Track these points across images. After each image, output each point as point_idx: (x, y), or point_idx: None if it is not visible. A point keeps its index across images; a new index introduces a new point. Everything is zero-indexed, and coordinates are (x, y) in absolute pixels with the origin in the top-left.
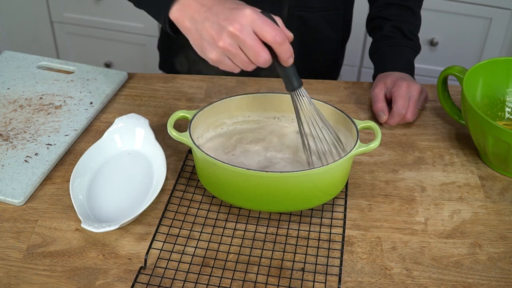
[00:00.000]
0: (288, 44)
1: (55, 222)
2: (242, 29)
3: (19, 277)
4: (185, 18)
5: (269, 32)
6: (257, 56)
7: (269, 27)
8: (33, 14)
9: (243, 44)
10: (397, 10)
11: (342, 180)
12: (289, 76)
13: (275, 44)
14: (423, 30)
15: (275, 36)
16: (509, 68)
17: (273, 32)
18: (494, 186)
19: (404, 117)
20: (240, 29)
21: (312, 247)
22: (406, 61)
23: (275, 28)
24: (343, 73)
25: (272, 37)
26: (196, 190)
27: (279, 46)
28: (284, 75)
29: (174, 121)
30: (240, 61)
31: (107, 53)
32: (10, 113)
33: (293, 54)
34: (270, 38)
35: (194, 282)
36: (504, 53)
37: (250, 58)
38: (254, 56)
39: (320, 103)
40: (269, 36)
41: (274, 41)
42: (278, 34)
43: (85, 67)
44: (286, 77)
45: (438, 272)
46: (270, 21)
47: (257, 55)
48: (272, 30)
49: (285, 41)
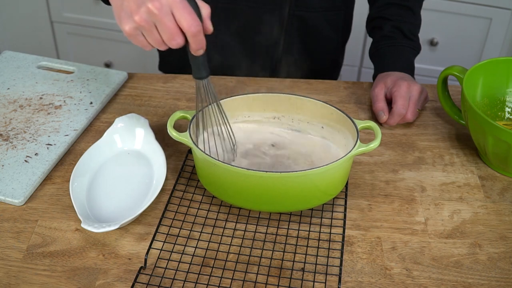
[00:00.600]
0: (202, 36)
1: (55, 222)
2: (161, 8)
3: (19, 277)
4: None
5: (186, 20)
6: (171, 38)
7: (188, 14)
8: (33, 14)
9: (159, 23)
10: (397, 10)
11: (342, 180)
12: (197, 65)
13: (189, 33)
14: (423, 30)
15: (190, 25)
16: (509, 68)
17: (189, 20)
18: (494, 186)
19: (404, 117)
20: (159, 7)
21: (312, 247)
22: (406, 61)
23: (194, 17)
24: (343, 73)
25: (187, 26)
26: (196, 190)
27: (192, 36)
28: (193, 62)
29: (174, 121)
30: (153, 39)
31: (107, 53)
32: (10, 113)
33: (204, 46)
34: (185, 26)
35: (194, 282)
36: (504, 53)
37: (164, 38)
38: (168, 37)
39: (320, 103)
40: (185, 24)
41: (189, 30)
42: (194, 24)
43: (85, 67)
44: (194, 65)
45: (438, 272)
46: (190, 8)
47: (171, 37)
48: (190, 18)
49: (200, 33)
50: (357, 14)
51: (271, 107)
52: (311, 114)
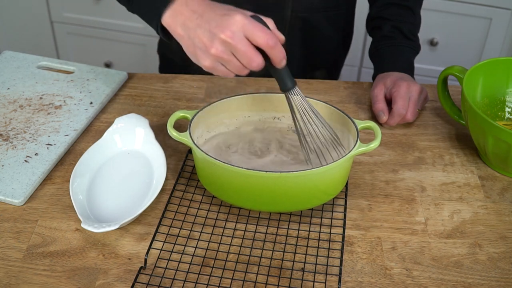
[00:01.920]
0: (280, 46)
1: (55, 222)
2: (234, 35)
3: (19, 277)
4: (177, 25)
5: (260, 37)
6: (250, 61)
7: (260, 31)
8: (33, 14)
9: (236, 50)
10: (397, 10)
11: (342, 180)
12: (283, 78)
13: (267, 48)
14: (423, 30)
15: (267, 40)
16: (509, 68)
17: (264, 36)
18: (494, 186)
19: (404, 117)
20: (232, 35)
21: (312, 247)
22: (406, 61)
23: (266, 31)
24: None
25: (264, 41)
26: (196, 190)
27: (271, 50)
28: (277, 76)
29: (174, 121)
30: (233, 67)
31: (107, 53)
32: (10, 113)
33: (285, 55)
34: (262, 42)
35: (194, 282)
36: (504, 53)
37: (243, 63)
38: (247, 61)
39: (320, 103)
40: (260, 41)
41: (266, 45)
42: (270, 37)
43: (85, 67)
44: (280, 79)
45: (438, 272)
46: (260, 25)
47: (250, 60)
48: (263, 34)
49: (277, 44)
50: (358, 14)
51: (271, 107)
52: None
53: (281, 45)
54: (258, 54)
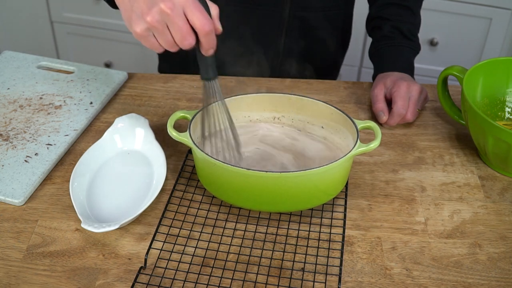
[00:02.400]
0: (213, 35)
1: (55, 222)
2: (174, 8)
3: (19, 277)
4: None
5: (198, 19)
6: (183, 38)
7: (200, 13)
8: (33, 14)
9: (172, 24)
10: (397, 10)
11: (342, 180)
12: (206, 66)
13: (202, 32)
14: (423, 30)
15: (204, 24)
16: (509, 68)
17: (203, 20)
18: (494, 186)
19: (404, 117)
20: (172, 7)
21: (312, 247)
22: (406, 61)
23: (206, 16)
24: (343, 73)
25: (200, 25)
26: (196, 190)
27: (205, 35)
28: (202, 63)
29: (174, 121)
30: (164, 40)
31: (107, 53)
32: (10, 113)
33: (215, 46)
34: (198, 25)
35: (194, 282)
36: (504, 53)
37: (176, 39)
38: (180, 38)
39: (320, 103)
40: (198, 23)
41: (202, 29)
42: (207, 23)
43: (85, 67)
44: (203, 66)
45: (438, 272)
46: (202, 8)
47: (182, 37)
48: (203, 17)
49: (212, 32)
50: (357, 14)
51: (271, 107)
52: (311, 114)
53: (215, 35)
54: (192, 34)
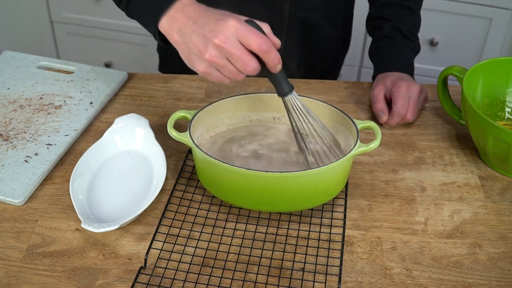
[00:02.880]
0: (275, 51)
1: (55, 222)
2: (227, 40)
3: (19, 277)
4: (173, 31)
5: (254, 41)
6: (245, 65)
7: (254, 35)
8: (33, 14)
9: (230, 55)
10: (397, 10)
11: (342, 180)
12: (279, 82)
13: (261, 52)
14: (423, 30)
15: (261, 44)
16: (509, 68)
17: (258, 41)
18: (494, 186)
19: (404, 117)
20: (225, 40)
21: (312, 247)
22: (406, 61)
23: (260, 36)
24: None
25: (257, 46)
26: (196, 190)
27: (265, 54)
28: (274, 81)
29: (174, 121)
30: (228, 72)
31: (107, 53)
32: (10, 113)
33: (280, 60)
34: (255, 47)
35: (194, 282)
36: (504, 53)
37: (238, 68)
38: (242, 66)
39: (320, 103)
40: (254, 45)
41: (260, 49)
42: (264, 42)
43: (85, 67)
44: (276, 83)
45: (438, 272)
46: (254, 29)
47: (244, 64)
48: (257, 38)
49: (271, 48)
50: (357, 14)
51: (271, 107)
52: None
53: (276, 50)
54: (253, 58)
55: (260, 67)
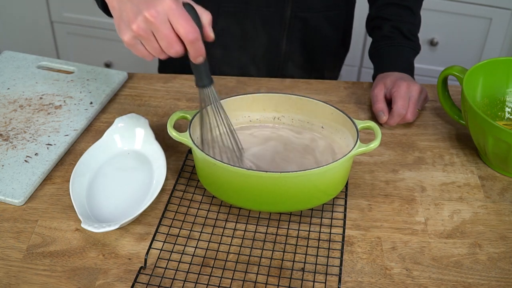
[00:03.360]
0: (200, 43)
1: (55, 222)
2: (158, 16)
3: (19, 277)
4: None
5: (182, 26)
6: (169, 46)
7: (184, 21)
8: (33, 14)
9: (157, 31)
10: (397, 10)
11: (342, 180)
12: (200, 73)
13: (186, 41)
14: (423, 30)
15: (188, 32)
16: (509, 68)
17: (186, 28)
18: (494, 186)
19: (404, 117)
20: (156, 15)
21: (312, 247)
22: (406, 61)
23: (190, 24)
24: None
25: (183, 33)
26: (196, 190)
27: (189, 43)
28: (195, 71)
29: (174, 121)
30: (151, 48)
31: (107, 53)
32: (10, 113)
33: (204, 54)
34: (182, 33)
35: (194, 282)
36: (504, 53)
37: (162, 46)
38: (166, 45)
39: (320, 103)
40: (181, 31)
41: (185, 37)
42: (191, 31)
43: (85, 67)
44: (197, 73)
45: (438, 272)
46: (187, 15)
47: (169, 45)
48: (187, 25)
49: (197, 40)
50: (357, 14)
51: (271, 107)
52: (311, 114)
53: (202, 42)
54: (179, 42)
55: (183, 53)
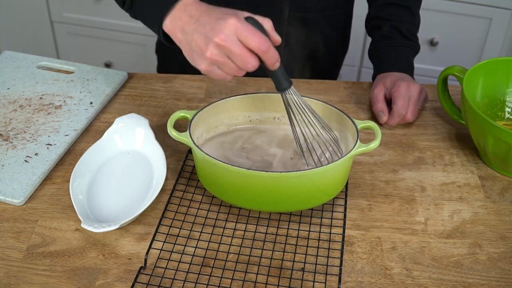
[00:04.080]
0: (273, 50)
1: (55, 222)
2: (227, 39)
3: (19, 277)
4: (176, 30)
5: (253, 41)
6: (245, 63)
7: (253, 35)
8: (33, 14)
9: (230, 53)
10: (396, 10)
11: (342, 180)
12: (278, 78)
13: (260, 52)
14: (423, 30)
15: (259, 44)
16: (509, 68)
17: (257, 40)
18: (494, 186)
19: (404, 117)
20: (225, 39)
21: (312, 247)
22: (406, 61)
23: (259, 35)
24: (343, 73)
25: (256, 46)
26: (196, 190)
27: (263, 54)
28: (273, 77)
29: (174, 121)
30: (229, 69)
31: (107, 53)
32: (10, 113)
33: (279, 58)
34: (254, 47)
35: (194, 282)
36: (504, 53)
37: (238, 65)
38: (242, 63)
39: (320, 103)
40: (253, 44)
41: (259, 49)
42: (262, 42)
43: (85, 67)
44: (275, 79)
45: (438, 272)
46: (254, 28)
47: (244, 62)
48: (256, 38)
49: (270, 48)
50: (357, 14)
51: (271, 107)
52: None
53: (275, 48)
54: (253, 55)
55: (259, 64)
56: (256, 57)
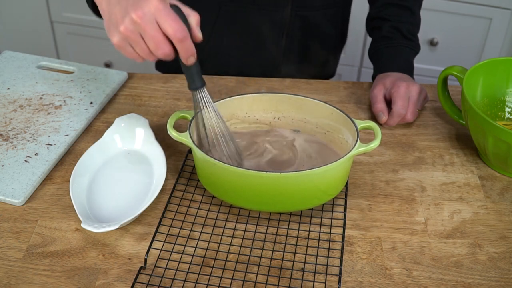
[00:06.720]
0: (190, 42)
1: (55, 222)
2: (144, 16)
3: (19, 277)
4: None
5: (170, 26)
6: (157, 47)
7: (172, 20)
8: (33, 14)
9: (144, 33)
10: (396, 10)
11: (342, 180)
12: (191, 75)
13: (175, 40)
14: (423, 30)
15: (175, 31)
16: (509, 68)
17: (174, 26)
18: (494, 186)
19: (404, 117)
20: (142, 16)
21: (312, 247)
22: (405, 61)
23: (178, 23)
24: (343, 73)
25: (172, 32)
26: (196, 190)
27: (178, 43)
28: (186, 73)
29: (174, 121)
30: (140, 49)
31: (107, 53)
32: (10, 113)
33: (195, 54)
34: (170, 32)
35: (194, 282)
36: (504, 53)
37: (150, 48)
38: (154, 47)
39: (320, 103)
40: (169, 30)
41: (174, 36)
42: (179, 29)
43: (85, 67)
44: (188, 76)
45: (438, 272)
46: (174, 14)
47: (156, 46)
48: (174, 24)
49: (186, 38)
50: (357, 14)
51: (271, 107)
52: (311, 114)
53: (191, 42)
54: (167, 43)
55: (173, 54)
56: (170, 45)
